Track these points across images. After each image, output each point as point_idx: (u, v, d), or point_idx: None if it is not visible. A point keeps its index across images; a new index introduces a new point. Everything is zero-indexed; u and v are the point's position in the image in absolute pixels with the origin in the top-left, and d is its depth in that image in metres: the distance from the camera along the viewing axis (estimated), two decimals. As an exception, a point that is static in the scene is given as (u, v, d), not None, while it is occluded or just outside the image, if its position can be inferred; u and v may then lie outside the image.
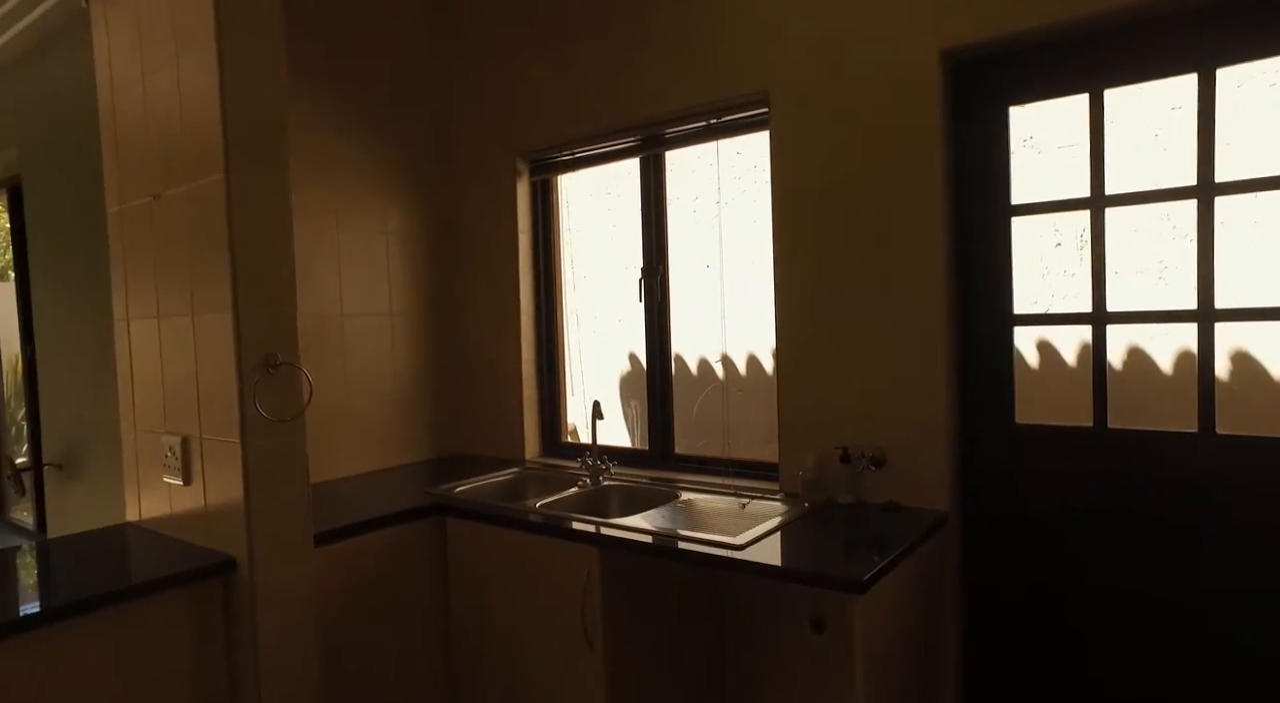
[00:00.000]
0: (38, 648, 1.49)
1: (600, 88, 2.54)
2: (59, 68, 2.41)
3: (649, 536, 1.86)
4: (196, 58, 1.72)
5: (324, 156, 2.62)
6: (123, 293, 2.08)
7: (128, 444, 2.11)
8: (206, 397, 1.81)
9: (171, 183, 1.85)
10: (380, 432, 2.79)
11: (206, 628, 1.75)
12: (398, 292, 2.87)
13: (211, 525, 1.82)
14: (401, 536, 2.18)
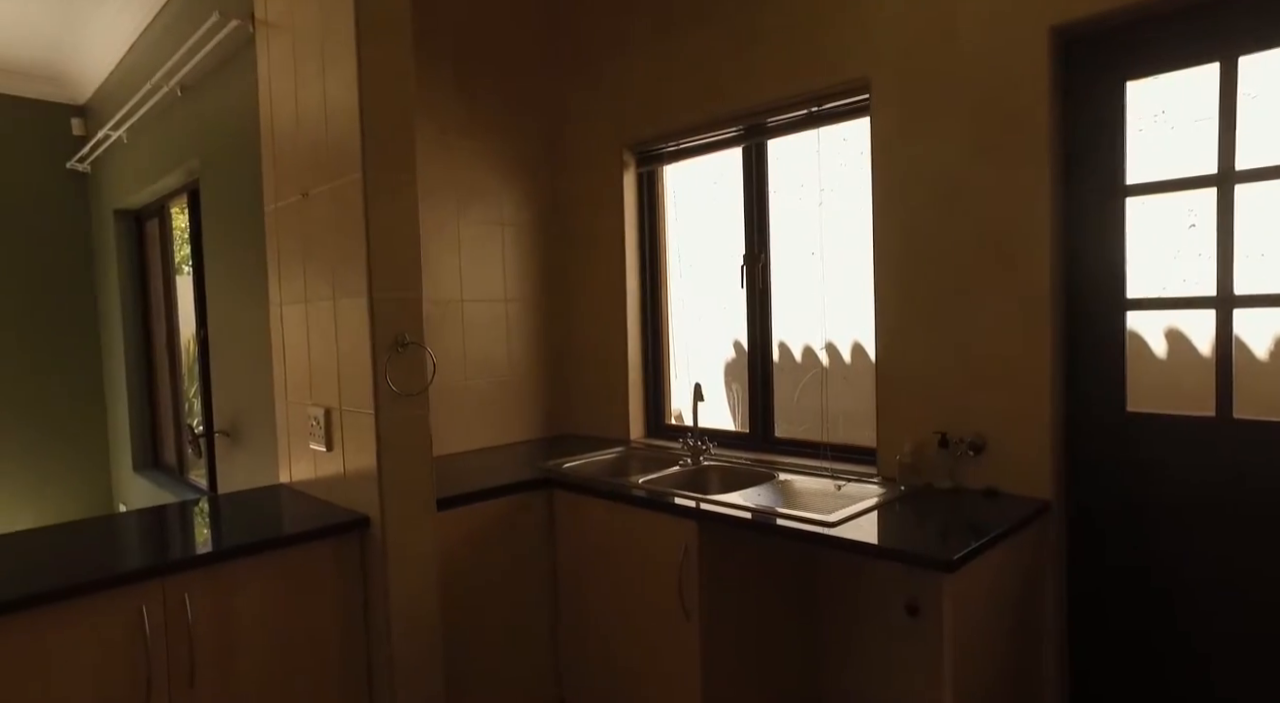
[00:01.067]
0: (217, 579, 1.75)
1: (704, 80, 2.61)
2: (230, 87, 2.74)
3: (745, 511, 1.93)
4: (340, 73, 1.93)
5: (448, 154, 2.84)
6: (276, 281, 2.36)
7: (280, 415, 2.40)
8: (345, 372, 2.03)
9: (317, 182, 2.09)
10: (496, 410, 3.00)
11: (346, 574, 1.97)
12: (513, 279, 3.06)
13: (349, 488, 2.06)
14: (514, 505, 2.35)
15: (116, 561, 1.78)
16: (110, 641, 1.61)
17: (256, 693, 1.82)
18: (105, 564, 1.71)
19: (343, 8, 1.89)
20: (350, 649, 1.98)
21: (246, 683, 1.80)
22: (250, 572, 1.81)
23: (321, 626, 1.93)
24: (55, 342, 4.39)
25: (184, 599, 1.70)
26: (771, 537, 2.08)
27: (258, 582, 1.82)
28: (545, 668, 2.44)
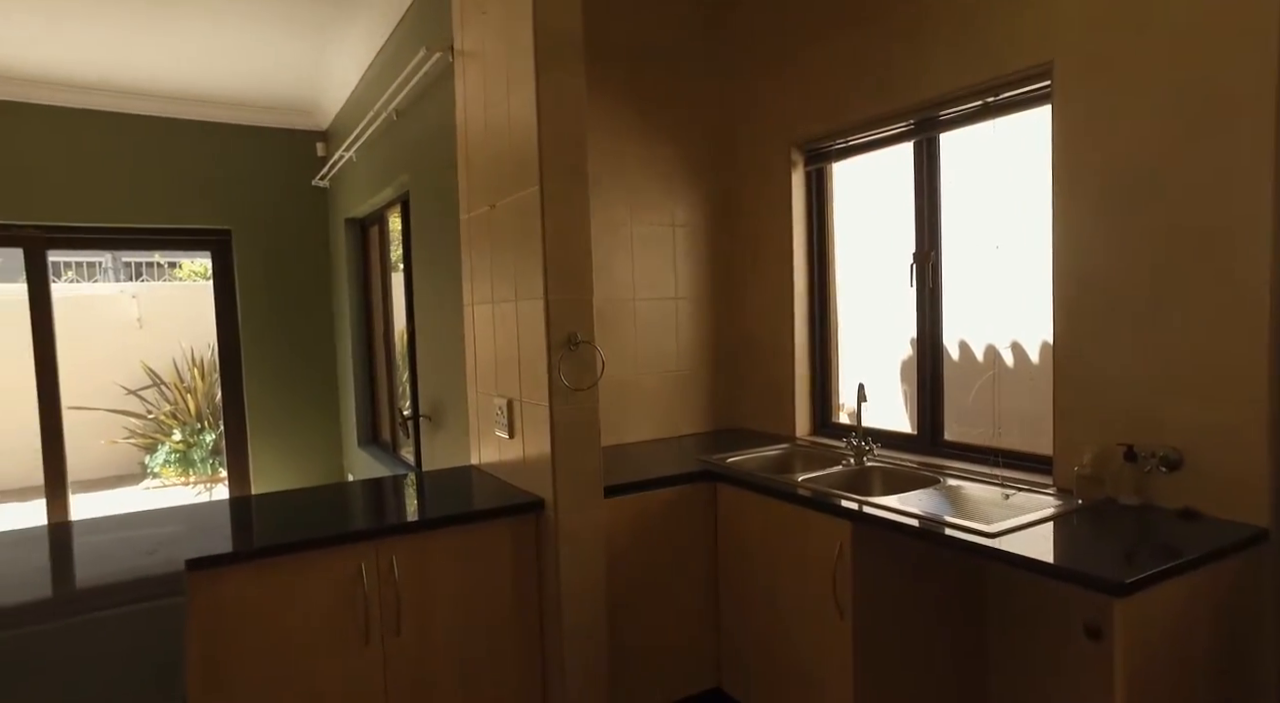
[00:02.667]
0: (418, 545, 2.03)
1: (874, 75, 2.56)
2: (434, 111, 3.10)
3: (901, 514, 1.91)
4: (521, 95, 2.14)
5: (621, 160, 3.00)
6: (469, 283, 2.64)
7: (471, 403, 2.69)
8: (525, 367, 2.25)
9: (503, 195, 2.32)
10: (664, 404, 3.14)
11: (522, 550, 2.19)
12: (683, 278, 3.18)
13: (528, 472, 2.27)
14: (677, 496, 2.47)
15: (345, 522, 2.12)
16: (339, 587, 1.93)
17: (447, 646, 2.08)
18: (338, 525, 2.05)
19: (523, 37, 2.09)
20: (525, 615, 2.20)
21: (439, 636, 2.07)
22: (444, 541, 2.08)
23: (501, 592, 2.16)
24: (304, 332, 5.15)
25: (392, 561, 1.99)
26: (927, 543, 2.03)
27: (450, 550, 2.08)
28: (704, 654, 2.54)
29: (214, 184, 4.86)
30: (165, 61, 4.07)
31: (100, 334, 7.56)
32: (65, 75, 4.20)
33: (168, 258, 10.36)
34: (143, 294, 8.13)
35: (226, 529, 2.12)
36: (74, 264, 11.52)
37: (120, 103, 4.56)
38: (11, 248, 4.64)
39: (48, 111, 4.41)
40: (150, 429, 7.57)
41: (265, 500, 2.48)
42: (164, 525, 2.11)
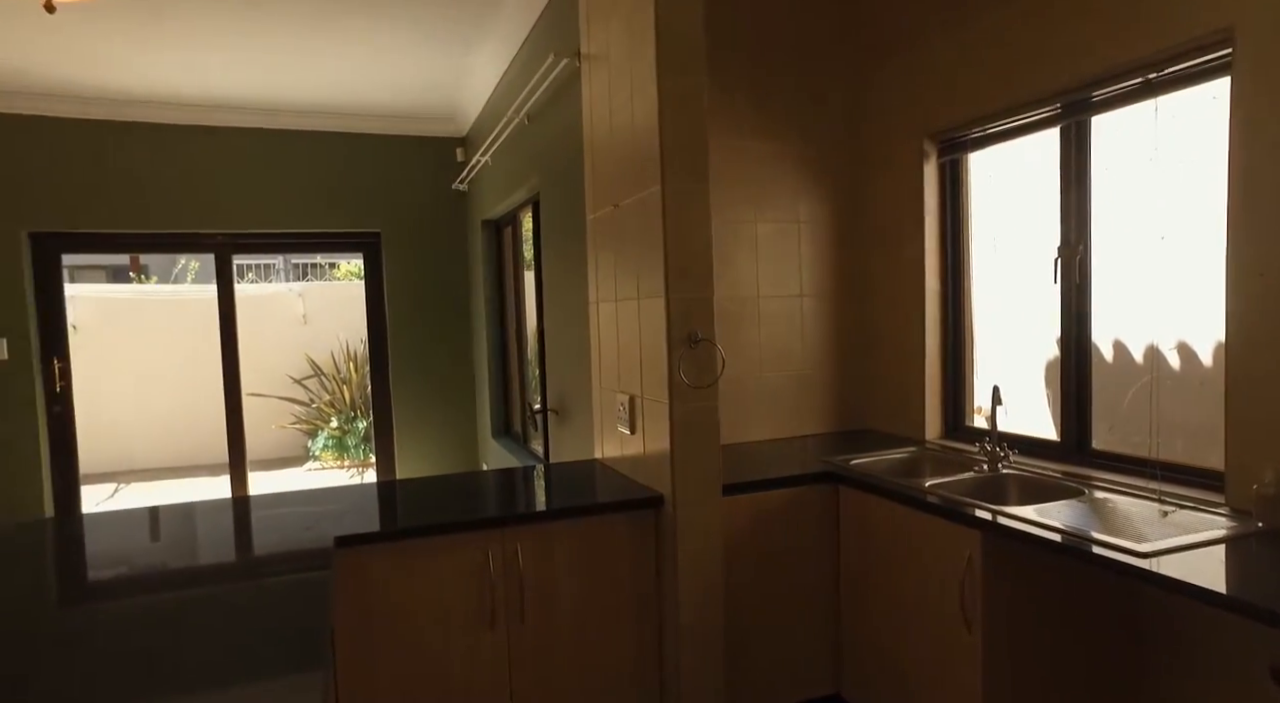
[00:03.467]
0: (542, 534, 2.12)
1: (1013, 57, 2.39)
2: (562, 115, 3.20)
3: (1036, 526, 1.78)
4: (644, 97, 2.17)
5: (743, 156, 2.98)
6: (594, 281, 2.71)
7: (595, 399, 2.76)
8: (646, 365, 2.28)
9: (626, 195, 2.36)
10: (788, 403, 3.09)
11: (641, 544, 2.23)
12: (808, 275, 3.11)
13: (648, 468, 2.31)
14: (798, 497, 2.43)
15: (475, 510, 2.24)
16: (468, 571, 2.04)
17: (569, 634, 2.16)
18: (468, 512, 2.18)
19: (645, 40, 2.12)
20: (644, 608, 2.24)
21: (561, 624, 2.15)
22: (567, 532, 2.15)
23: (620, 585, 2.21)
24: (444, 328, 5.48)
25: (517, 548, 2.08)
26: (1069, 559, 1.88)
27: (573, 541, 2.16)
28: (824, 659, 2.49)
29: (366, 190, 5.26)
30: (323, 83, 4.45)
31: (272, 329, 8.36)
32: (242, 100, 4.68)
33: (328, 259, 11.32)
34: (308, 293, 8.92)
35: (372, 510, 2.30)
36: (253, 267, 12.82)
37: (287, 122, 5.03)
38: (205, 253, 5.25)
39: (232, 132, 4.93)
40: (312, 416, 8.30)
41: (407, 485, 2.67)
42: (321, 504, 2.32)
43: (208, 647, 1.34)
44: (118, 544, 2.10)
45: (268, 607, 1.54)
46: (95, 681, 1.22)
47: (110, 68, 4.10)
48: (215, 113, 4.86)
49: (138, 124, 4.76)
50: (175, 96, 4.62)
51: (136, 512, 2.45)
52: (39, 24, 3.41)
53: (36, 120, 4.58)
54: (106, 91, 4.48)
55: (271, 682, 1.19)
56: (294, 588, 1.65)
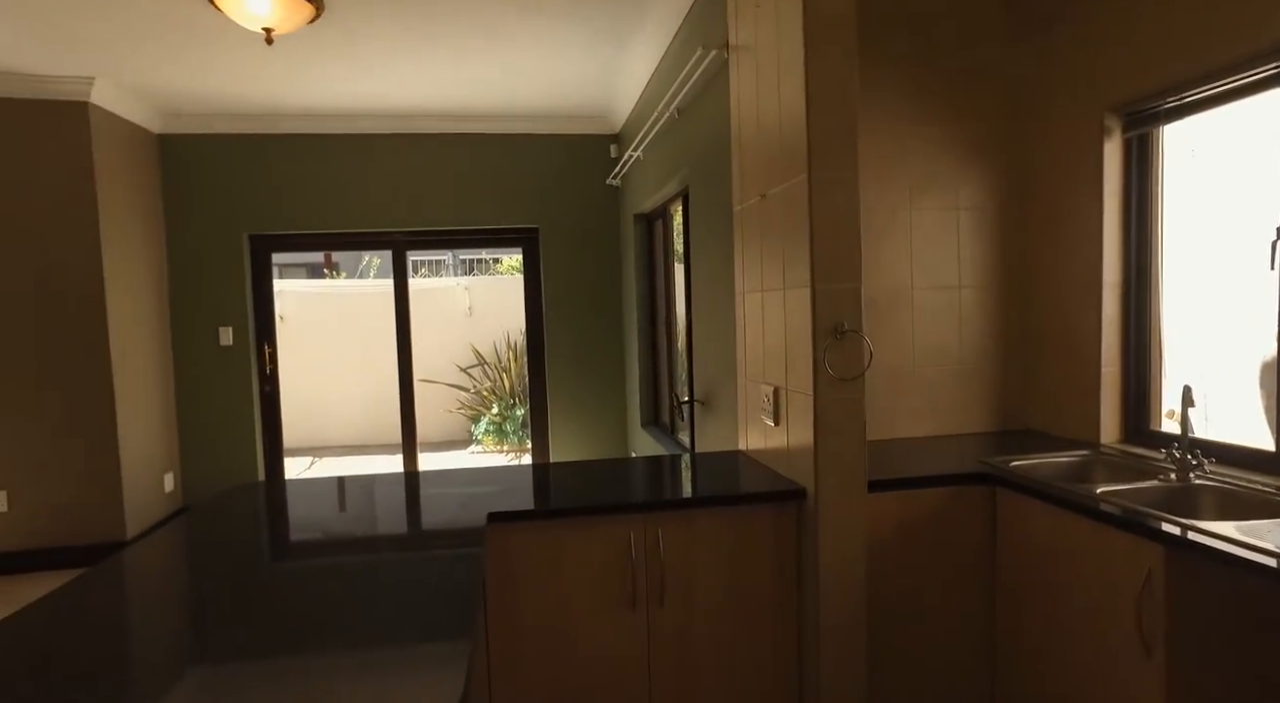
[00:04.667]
0: (683, 521, 2.16)
1: (1221, 11, 2.12)
2: (710, 106, 3.22)
3: (1238, 546, 1.58)
4: (791, 82, 2.14)
5: (899, 141, 2.85)
6: (741, 271, 2.71)
7: (741, 389, 2.76)
8: (791, 356, 2.26)
9: (772, 184, 2.34)
10: (943, 399, 2.93)
11: (782, 538, 2.21)
12: (968, 265, 2.93)
13: (791, 460, 2.28)
14: (950, 497, 2.31)
15: (620, 494, 2.32)
16: (612, 553, 2.12)
17: (706, 622, 2.18)
18: (613, 495, 2.26)
19: (793, 22, 2.08)
20: (783, 601, 2.22)
21: (699, 612, 2.18)
22: (708, 520, 2.17)
23: (761, 577, 2.21)
24: (597, 320, 5.68)
25: (658, 533, 2.13)
26: (1270, 582, 1.66)
27: (713, 529, 2.18)
28: (978, 674, 2.35)
29: (525, 188, 5.55)
30: (487, 89, 4.73)
31: (442, 320, 9.02)
32: (416, 108, 5.08)
33: (491, 255, 12.03)
34: (473, 287, 9.53)
35: (523, 490, 2.44)
36: (426, 263, 13.88)
37: (453, 126, 5.40)
38: (384, 250, 5.76)
39: (407, 139, 5.38)
40: (475, 402, 8.87)
41: (560, 469, 2.80)
42: (479, 483, 2.49)
43: (379, 604, 1.49)
44: (314, 510, 2.39)
45: (430, 574, 1.70)
46: (292, 622, 1.43)
47: (307, 87, 4.59)
48: (393, 121, 5.31)
49: (329, 136, 5.30)
50: (359, 109, 5.10)
51: (329, 481, 2.77)
52: (255, 54, 3.89)
53: (254, 138, 5.22)
54: (303, 108, 5.02)
55: (430, 644, 1.30)
56: (452, 559, 1.80)
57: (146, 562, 1.89)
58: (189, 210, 5.20)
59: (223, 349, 5.28)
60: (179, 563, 1.93)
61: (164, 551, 1.99)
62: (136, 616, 1.57)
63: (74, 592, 1.57)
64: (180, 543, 2.05)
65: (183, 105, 4.92)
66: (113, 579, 1.72)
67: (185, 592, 1.72)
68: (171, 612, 1.60)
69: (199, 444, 5.29)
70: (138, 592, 1.72)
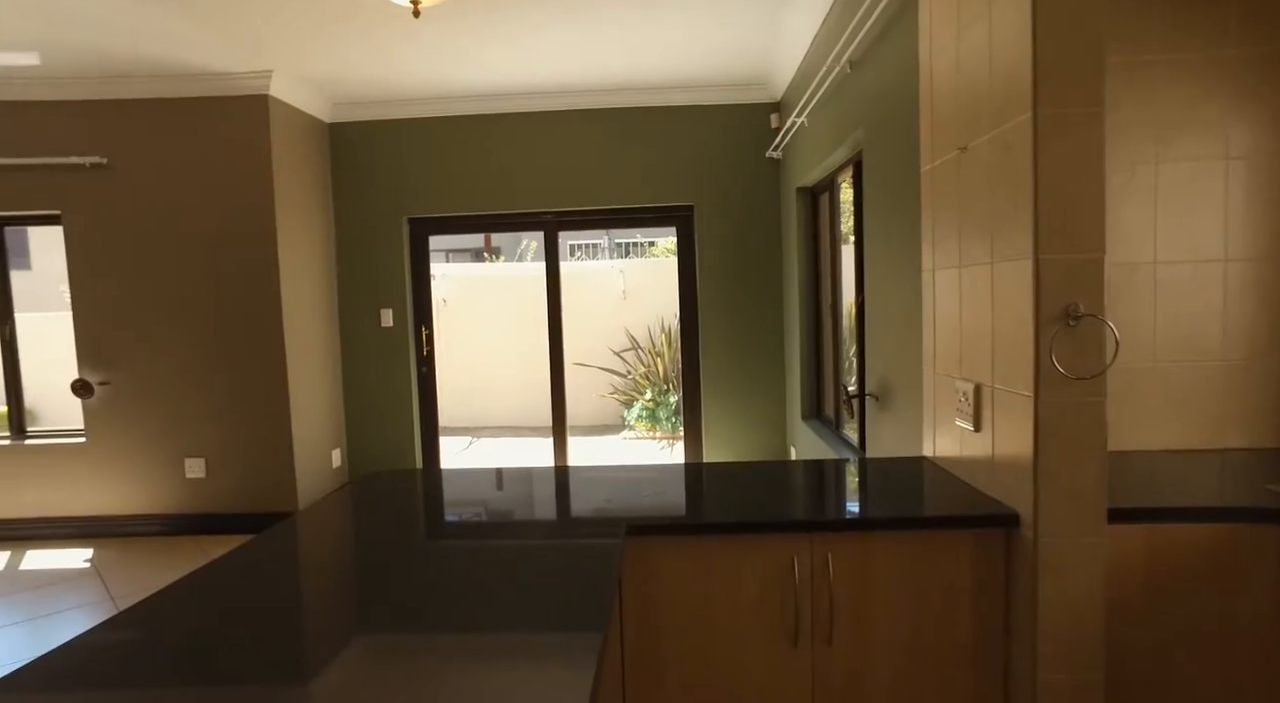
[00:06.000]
0: (857, 545, 1.77)
1: None
2: (891, 52, 2.74)
3: None
4: (1007, 4, 1.67)
5: (1140, 72, 2.25)
6: (930, 245, 2.25)
7: (927, 385, 2.30)
8: (1000, 346, 1.79)
9: (976, 133, 1.87)
10: (1198, 403, 2.31)
11: (986, 574, 1.77)
12: (1237, 231, 2.28)
13: (997, 476, 1.83)
14: (1222, 536, 1.75)
15: (780, 508, 1.97)
16: (771, 576, 1.78)
17: (885, 667, 1.79)
18: (772, 509, 1.92)
19: (1021, -82, 1.61)
20: (985, 650, 1.78)
21: (877, 656, 1.79)
22: (888, 545, 1.77)
23: (956, 620, 1.78)
24: (755, 303, 5.30)
25: (827, 557, 1.76)
26: None
27: (896, 556, 1.78)
28: (1258, 763, 1.78)
29: (679, 164, 5.25)
30: (640, 60, 4.46)
31: (597, 304, 8.97)
32: (566, 85, 4.92)
33: (647, 237, 11.89)
34: (627, 270, 9.41)
35: (670, 497, 2.15)
36: (582, 246, 14.03)
37: (606, 101, 5.19)
38: (536, 232, 5.69)
39: (559, 116, 5.24)
40: (628, 387, 8.76)
41: (713, 471, 2.49)
42: (624, 486, 2.24)
43: (517, 592, 1.48)
44: (464, 496, 2.32)
45: (567, 565, 1.62)
46: (441, 599, 1.45)
47: (461, 69, 4.54)
48: (544, 99, 5.19)
49: (482, 117, 5.27)
50: (511, 88, 5.01)
51: (478, 471, 2.73)
52: (412, 40, 3.86)
53: (412, 122, 5.30)
54: (458, 91, 5.01)
55: (561, 633, 1.29)
56: (587, 554, 1.64)
57: (313, 529, 2.06)
58: (355, 195, 5.37)
59: (384, 330, 5.43)
60: (340, 532, 2.04)
61: (327, 520, 2.13)
62: (299, 576, 1.73)
63: (250, 552, 1.75)
64: (342, 515, 2.15)
65: (350, 94, 5.06)
66: (281, 544, 1.88)
67: (339, 558, 1.85)
68: (323, 574, 1.74)
69: (362, 422, 5.50)
70: (302, 556, 1.86)
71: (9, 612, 3.76)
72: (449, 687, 1.11)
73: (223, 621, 1.40)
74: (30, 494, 4.89)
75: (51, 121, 4.67)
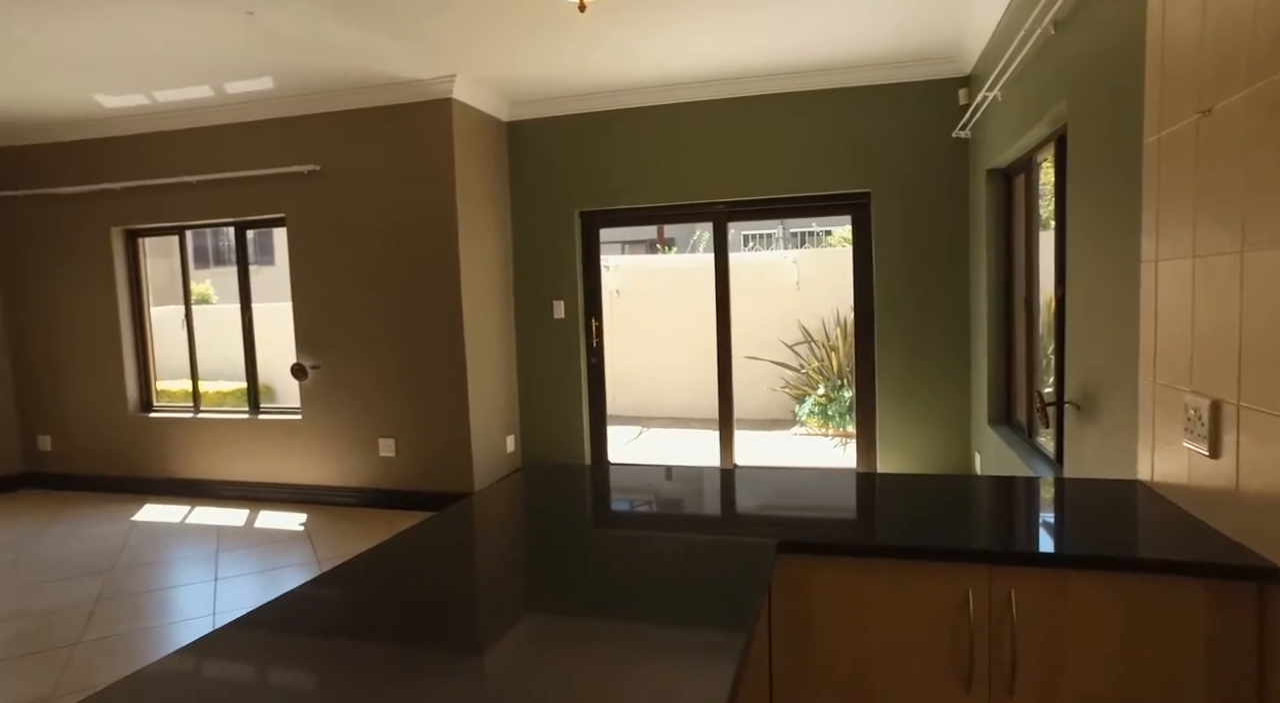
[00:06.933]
0: (1049, 584, 1.52)
1: None
2: (1106, 5, 2.35)
3: None
4: (1278, -83, 1.33)
5: None
6: (1153, 230, 1.89)
7: (1144, 395, 1.95)
8: (1253, 356, 1.45)
9: (1226, 90, 1.53)
10: None
11: (1226, 633, 1.44)
12: None
13: (1242, 515, 1.49)
14: None
15: (961, 530, 1.74)
16: (941, 610, 1.57)
17: (1086, 732, 1.52)
18: (950, 531, 1.70)
19: None
20: (1221, 732, 1.46)
21: (1074, 715, 1.52)
22: (1089, 588, 1.50)
23: (1181, 683, 1.47)
24: (936, 296, 4.88)
25: (1010, 595, 1.53)
26: None
27: (1098, 601, 1.50)
28: None
29: (855, 147, 4.92)
30: (810, 39, 4.21)
31: (770, 295, 8.75)
32: (732, 71, 4.76)
33: (823, 226, 11.43)
34: (801, 260, 9.08)
35: (830, 506, 1.98)
36: (756, 237, 13.77)
37: (774, 86, 4.97)
38: (705, 223, 5.61)
39: (726, 104, 5.10)
40: (801, 382, 8.46)
41: (886, 483, 2.28)
42: (786, 494, 2.10)
43: (669, 588, 1.49)
44: (629, 489, 2.39)
45: (718, 563, 1.60)
46: (597, 586, 1.53)
47: (629, 62, 4.53)
48: (711, 87, 5.07)
49: (649, 108, 5.24)
50: (677, 77, 4.94)
51: (641, 467, 2.84)
52: (582, 36, 3.90)
53: (583, 117, 5.39)
54: (624, 83, 5.01)
55: (706, 632, 1.28)
56: (735, 555, 1.57)
57: (487, 509, 2.20)
58: (530, 190, 5.56)
59: (556, 322, 5.59)
60: (508, 515, 2.16)
61: (498, 503, 2.26)
62: (470, 553, 1.87)
63: (428, 528, 1.91)
64: (510, 500, 2.27)
65: (525, 92, 5.23)
66: (457, 522, 2.03)
67: (506, 539, 1.99)
68: (494, 553, 1.88)
69: (534, 410, 5.71)
70: (473, 534, 1.99)
71: (245, 562, 4.30)
72: (600, 671, 1.17)
73: (410, 588, 1.54)
74: (262, 462, 5.57)
75: (277, 136, 5.25)
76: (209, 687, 1.20)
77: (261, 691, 1.19)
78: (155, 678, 1.19)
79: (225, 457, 5.68)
